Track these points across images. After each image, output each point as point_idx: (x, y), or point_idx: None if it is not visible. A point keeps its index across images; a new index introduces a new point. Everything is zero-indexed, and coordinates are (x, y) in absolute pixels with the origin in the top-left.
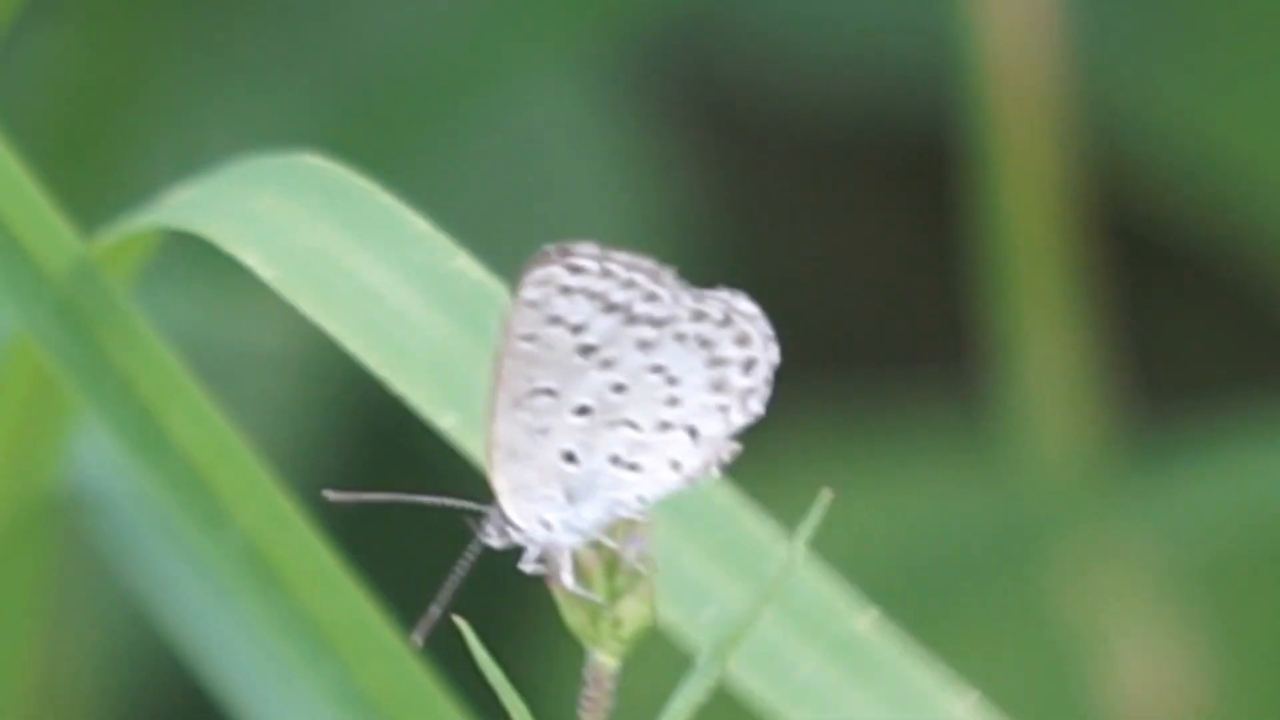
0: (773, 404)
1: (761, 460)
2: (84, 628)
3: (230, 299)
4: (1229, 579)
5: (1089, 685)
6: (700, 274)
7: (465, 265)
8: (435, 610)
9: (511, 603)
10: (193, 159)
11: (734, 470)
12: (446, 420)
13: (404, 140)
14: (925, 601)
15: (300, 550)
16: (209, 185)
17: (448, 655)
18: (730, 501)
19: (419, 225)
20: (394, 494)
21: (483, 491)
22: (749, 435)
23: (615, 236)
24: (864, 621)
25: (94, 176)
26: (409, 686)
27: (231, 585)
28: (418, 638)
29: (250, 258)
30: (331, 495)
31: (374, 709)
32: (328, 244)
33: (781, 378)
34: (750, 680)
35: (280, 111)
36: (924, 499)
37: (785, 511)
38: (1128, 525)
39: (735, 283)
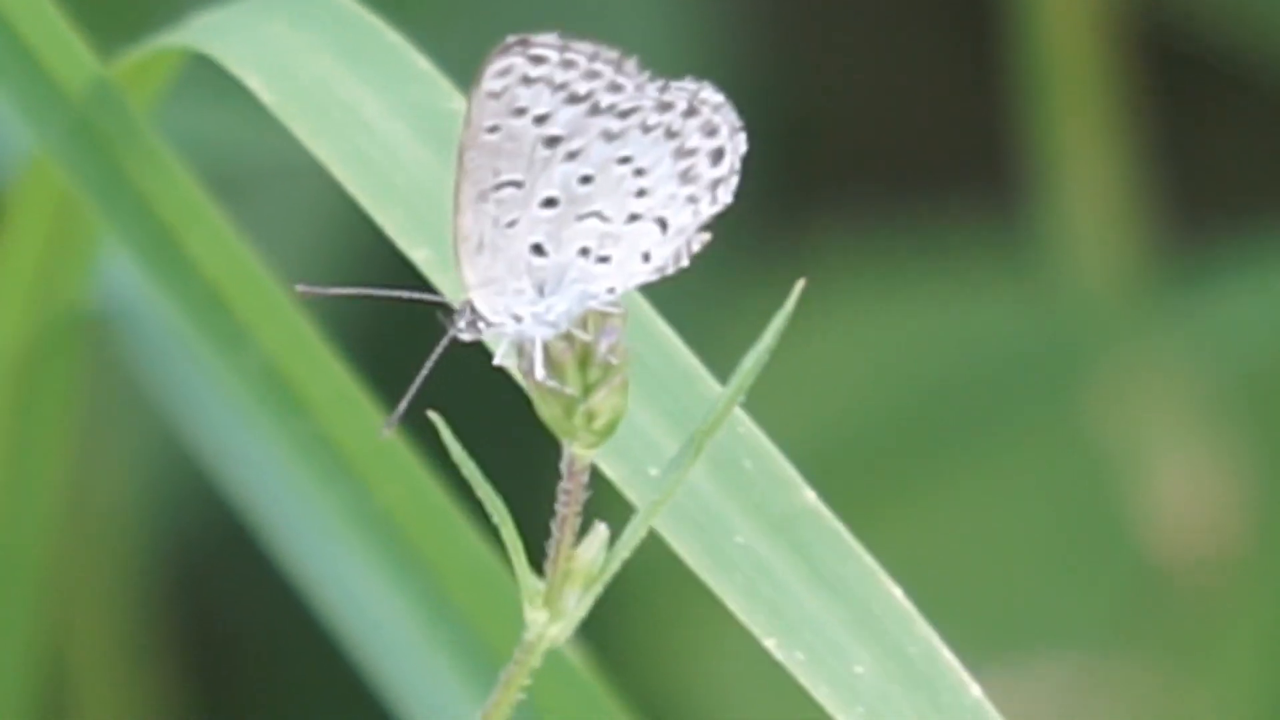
0: (813, 221)
1: (798, 275)
2: (114, 439)
3: (257, 124)
4: (1267, 396)
5: (1127, 502)
6: (739, 91)
7: (460, 107)
8: (404, 404)
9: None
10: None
11: (772, 282)
12: (419, 253)
13: None
14: (964, 418)
15: (318, 371)
16: (227, 12)
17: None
18: (689, 364)
19: (420, 64)
20: (365, 289)
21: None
22: (788, 250)
23: (660, 56)
24: (808, 497)
25: (120, 5)
26: (426, 506)
27: (250, 405)
28: (386, 430)
29: (253, 81)
30: (301, 288)
31: (391, 528)
32: (328, 74)
33: (822, 195)
34: (681, 542)
35: None
36: (964, 316)
37: (823, 327)
38: (1166, 343)
39: (776, 104)
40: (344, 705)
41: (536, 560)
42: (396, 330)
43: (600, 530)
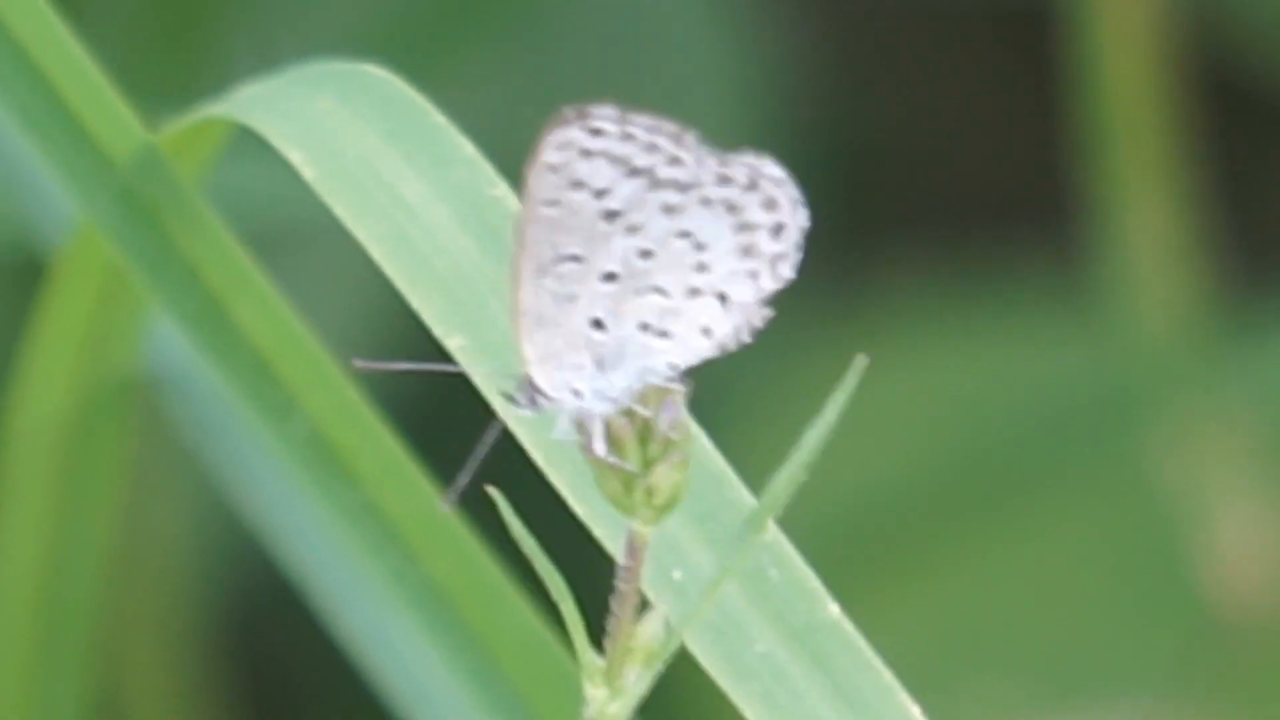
0: (871, 262)
1: (858, 318)
2: (163, 503)
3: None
4: None
5: (1188, 550)
6: (799, 131)
7: (503, 194)
8: (463, 479)
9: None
10: (269, 57)
11: (829, 321)
12: (454, 341)
13: (495, 14)
14: (1024, 464)
15: (366, 439)
16: (272, 84)
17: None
18: (717, 468)
19: (465, 148)
20: (422, 363)
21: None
22: (847, 290)
23: (715, 93)
24: (831, 610)
25: (169, 76)
26: (473, 574)
27: (297, 473)
28: (446, 505)
29: (295, 155)
30: (359, 364)
31: (438, 596)
32: (372, 153)
33: (880, 235)
34: (701, 647)
35: None
36: (1023, 358)
37: (880, 371)
38: (1228, 388)
39: (836, 141)
40: None
41: (594, 635)
42: (445, 399)
43: (660, 608)
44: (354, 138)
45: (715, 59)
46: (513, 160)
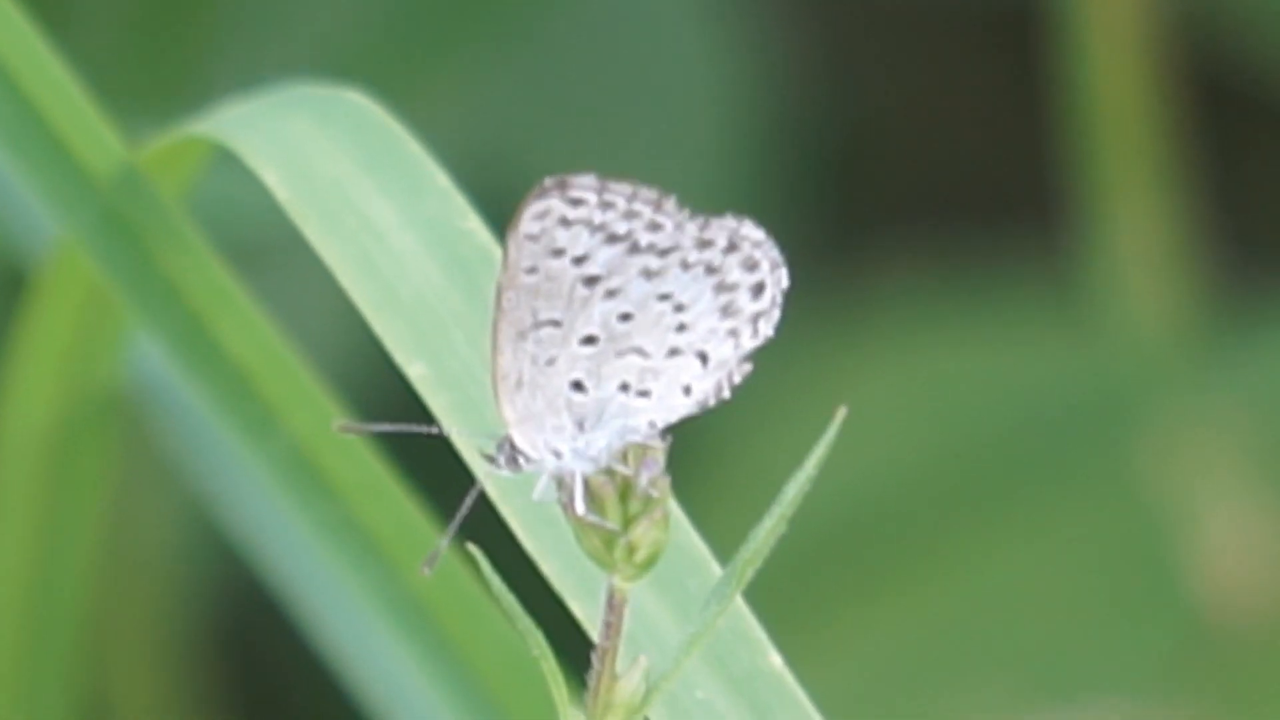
0: (860, 259)
1: (846, 315)
2: (147, 515)
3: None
4: None
5: (1177, 551)
6: (789, 129)
7: (474, 227)
8: (443, 543)
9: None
10: (255, 66)
11: (821, 322)
12: (414, 369)
13: (486, 17)
14: (1013, 464)
15: (347, 457)
16: (253, 105)
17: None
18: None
19: (439, 179)
20: (403, 425)
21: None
22: (836, 287)
23: (705, 92)
24: (774, 660)
25: (155, 82)
26: (454, 591)
27: (278, 489)
28: (426, 569)
29: (270, 176)
30: (338, 425)
31: (419, 611)
32: (345, 177)
33: (870, 232)
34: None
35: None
36: (1011, 357)
37: (870, 368)
38: (1218, 391)
39: (825, 139)
40: None
41: (579, 678)
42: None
43: (641, 662)
44: (329, 162)
45: (705, 57)
46: (498, 173)
